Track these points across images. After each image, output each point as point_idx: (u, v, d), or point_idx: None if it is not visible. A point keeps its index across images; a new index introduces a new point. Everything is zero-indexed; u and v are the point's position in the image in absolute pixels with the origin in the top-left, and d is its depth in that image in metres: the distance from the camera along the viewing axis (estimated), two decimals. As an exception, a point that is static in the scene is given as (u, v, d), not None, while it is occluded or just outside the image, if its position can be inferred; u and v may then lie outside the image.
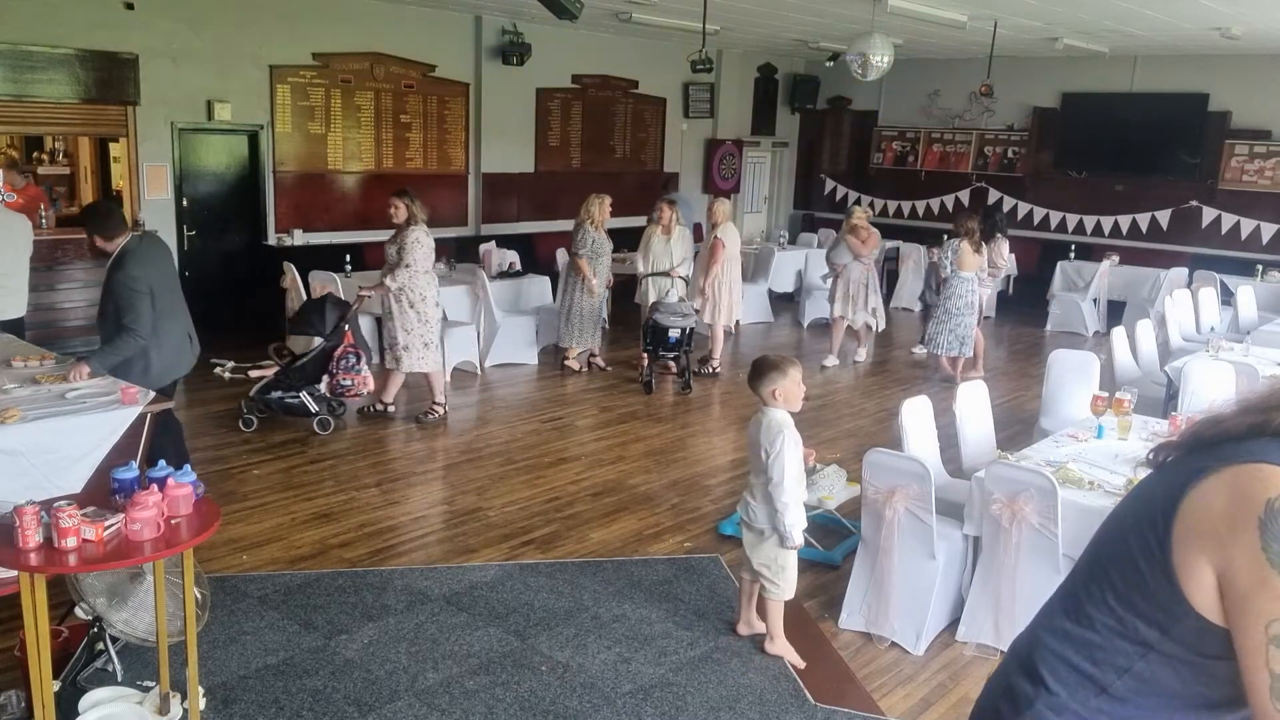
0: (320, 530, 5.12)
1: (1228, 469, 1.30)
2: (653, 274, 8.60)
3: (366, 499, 5.58)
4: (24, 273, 6.47)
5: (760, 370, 3.90)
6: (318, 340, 6.76)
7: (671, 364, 8.54)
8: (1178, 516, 1.32)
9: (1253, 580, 1.23)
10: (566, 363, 8.74)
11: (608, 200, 8.51)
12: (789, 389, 3.87)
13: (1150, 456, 1.48)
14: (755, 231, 14.40)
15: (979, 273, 8.65)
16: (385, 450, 6.49)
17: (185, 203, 9.22)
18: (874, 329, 9.54)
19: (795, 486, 3.85)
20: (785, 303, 11.99)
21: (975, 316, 8.65)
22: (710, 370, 8.80)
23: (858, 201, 13.77)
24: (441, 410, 7.17)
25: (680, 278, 8.57)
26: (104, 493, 3.02)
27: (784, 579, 4.00)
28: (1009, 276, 12.64)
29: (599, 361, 8.86)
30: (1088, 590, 1.45)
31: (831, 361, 9.28)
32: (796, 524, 3.89)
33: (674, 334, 8.13)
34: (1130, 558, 1.38)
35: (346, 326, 6.88)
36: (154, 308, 4.75)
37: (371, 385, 7.03)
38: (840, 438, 7.02)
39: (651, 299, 8.51)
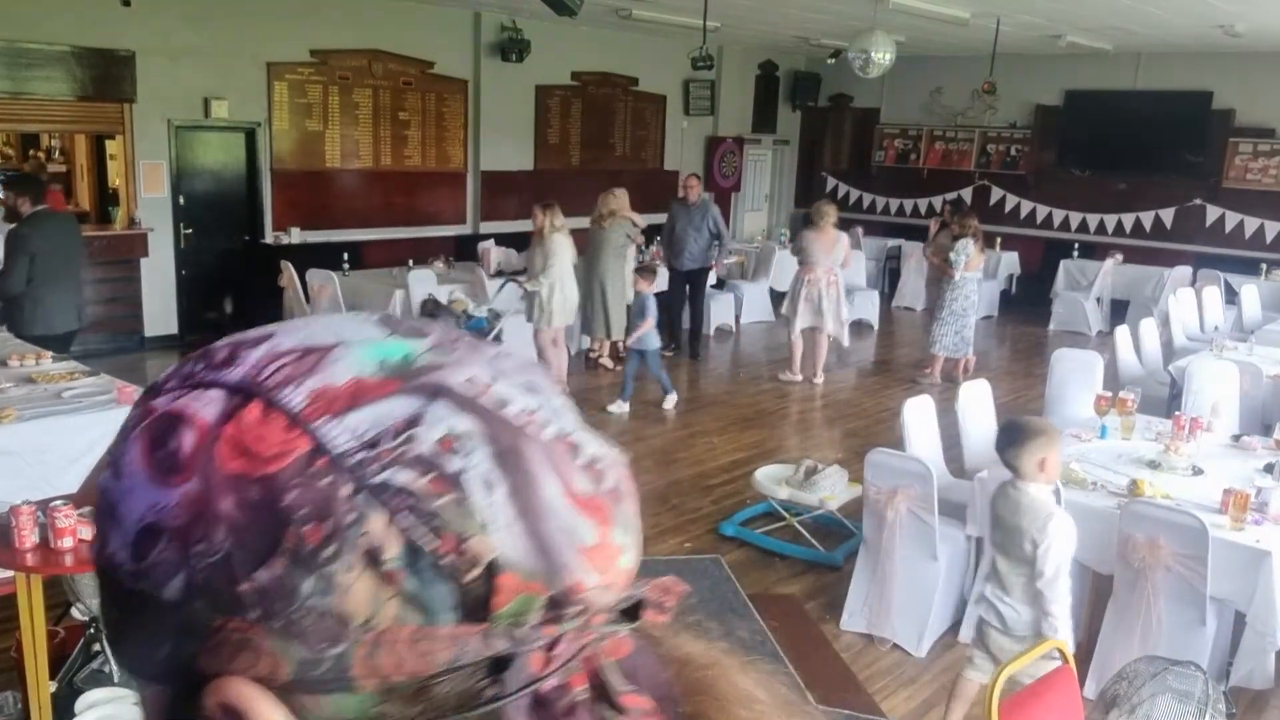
0: (318, 530, 5.09)
1: None
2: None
3: (365, 498, 5.54)
4: None
5: (1020, 435, 3.11)
6: None
7: None
8: None
9: None
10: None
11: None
12: (1055, 460, 3.15)
13: None
14: (756, 230, 14.36)
15: (977, 271, 8.65)
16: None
17: (182, 201, 9.17)
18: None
19: (1066, 586, 3.08)
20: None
21: (975, 316, 8.63)
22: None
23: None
24: None
25: None
26: (99, 493, 2.99)
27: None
28: (1012, 275, 12.64)
29: (606, 362, 8.83)
30: None
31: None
32: (1067, 632, 3.07)
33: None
34: None
35: None
36: (32, 269, 5.54)
37: None
38: (841, 438, 6.97)
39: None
